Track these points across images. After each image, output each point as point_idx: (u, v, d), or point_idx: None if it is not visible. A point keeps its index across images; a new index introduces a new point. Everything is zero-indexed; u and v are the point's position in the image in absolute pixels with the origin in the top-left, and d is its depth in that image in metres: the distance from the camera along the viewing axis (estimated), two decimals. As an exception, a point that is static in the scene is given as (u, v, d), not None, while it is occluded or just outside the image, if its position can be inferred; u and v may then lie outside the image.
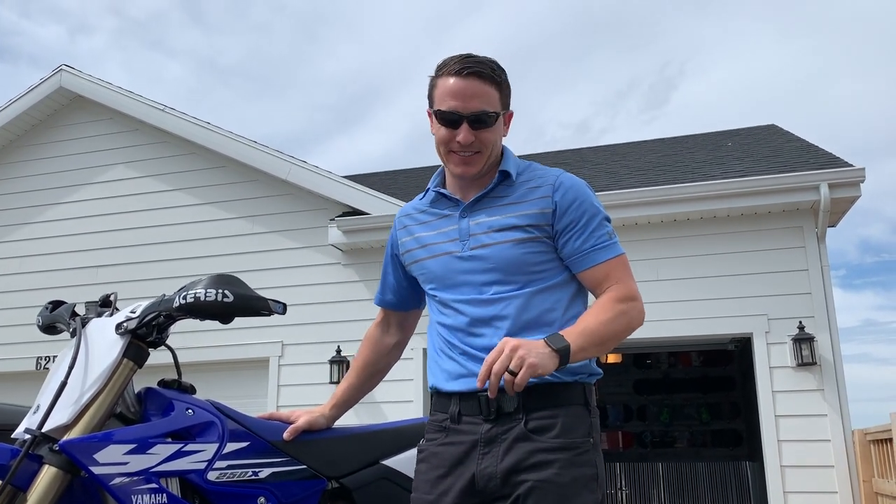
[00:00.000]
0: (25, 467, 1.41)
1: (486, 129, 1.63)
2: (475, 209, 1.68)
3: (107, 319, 1.59)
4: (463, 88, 1.61)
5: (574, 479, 1.50)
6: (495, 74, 1.64)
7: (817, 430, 5.97)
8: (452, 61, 1.65)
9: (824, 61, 33.69)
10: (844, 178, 6.12)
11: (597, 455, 1.57)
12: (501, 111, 1.67)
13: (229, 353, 7.39)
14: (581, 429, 1.55)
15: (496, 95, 1.64)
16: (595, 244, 1.62)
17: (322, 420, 1.79)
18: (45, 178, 8.48)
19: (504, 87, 1.68)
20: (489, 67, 1.64)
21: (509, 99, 1.71)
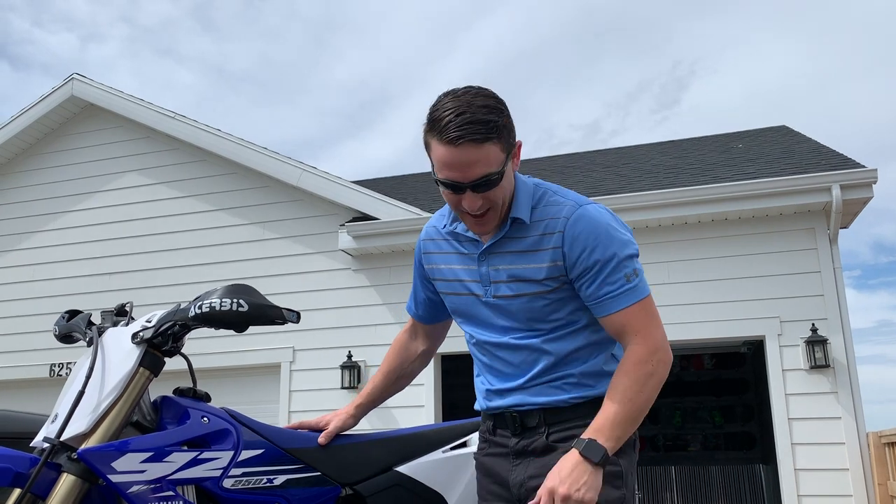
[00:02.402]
0: (44, 475, 1.42)
1: (494, 189, 1.54)
2: (492, 254, 1.65)
3: (123, 329, 1.60)
4: (459, 158, 1.49)
5: None
6: (492, 130, 1.49)
7: (831, 432, 5.93)
8: (443, 123, 1.50)
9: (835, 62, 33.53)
10: (856, 180, 6.08)
11: (622, 458, 1.56)
12: (507, 159, 1.54)
13: (241, 359, 7.42)
14: None
15: (497, 150, 1.51)
16: (609, 292, 1.54)
17: (351, 420, 1.84)
18: (58, 187, 8.55)
19: (505, 131, 1.53)
20: (484, 126, 1.48)
21: (513, 136, 1.57)
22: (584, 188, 7.56)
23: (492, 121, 1.50)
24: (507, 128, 1.54)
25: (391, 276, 7.23)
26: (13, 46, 32.98)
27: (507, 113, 1.56)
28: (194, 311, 1.46)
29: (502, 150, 1.52)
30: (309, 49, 40.39)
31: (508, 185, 1.58)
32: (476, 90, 1.55)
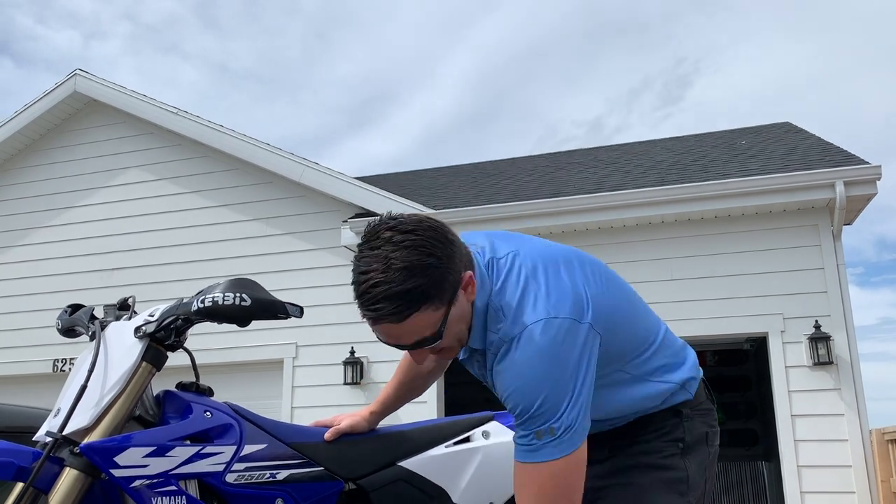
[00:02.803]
0: (47, 469, 1.42)
1: (436, 343, 1.40)
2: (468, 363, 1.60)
3: (125, 323, 1.60)
4: (383, 332, 1.37)
5: (656, 480, 1.50)
6: (415, 301, 1.31)
7: (834, 429, 5.92)
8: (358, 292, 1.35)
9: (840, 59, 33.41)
10: (860, 176, 6.07)
11: (689, 459, 1.53)
12: (447, 313, 1.36)
13: (244, 355, 7.42)
14: (668, 436, 1.54)
15: (428, 315, 1.34)
16: (520, 446, 1.38)
17: (364, 423, 1.81)
18: (61, 182, 8.56)
19: (435, 290, 1.32)
20: (402, 299, 1.30)
21: (454, 279, 1.36)
22: (587, 185, 7.55)
23: (413, 289, 1.30)
24: (440, 282, 1.33)
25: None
26: (17, 43, 33.03)
27: (440, 258, 1.33)
28: (197, 306, 1.46)
29: (437, 309, 1.34)
30: (311, 46, 40.37)
31: (459, 325, 1.41)
32: (401, 237, 1.33)
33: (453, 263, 1.36)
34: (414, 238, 1.32)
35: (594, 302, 1.42)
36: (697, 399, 1.60)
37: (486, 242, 1.53)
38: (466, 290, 1.40)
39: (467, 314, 1.42)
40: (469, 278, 1.39)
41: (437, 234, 1.35)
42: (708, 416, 1.61)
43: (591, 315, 1.40)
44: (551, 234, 6.89)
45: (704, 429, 1.58)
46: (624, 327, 1.49)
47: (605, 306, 1.45)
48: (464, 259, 1.40)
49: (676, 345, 1.63)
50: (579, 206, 6.64)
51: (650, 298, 6.40)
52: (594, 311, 1.41)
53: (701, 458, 1.56)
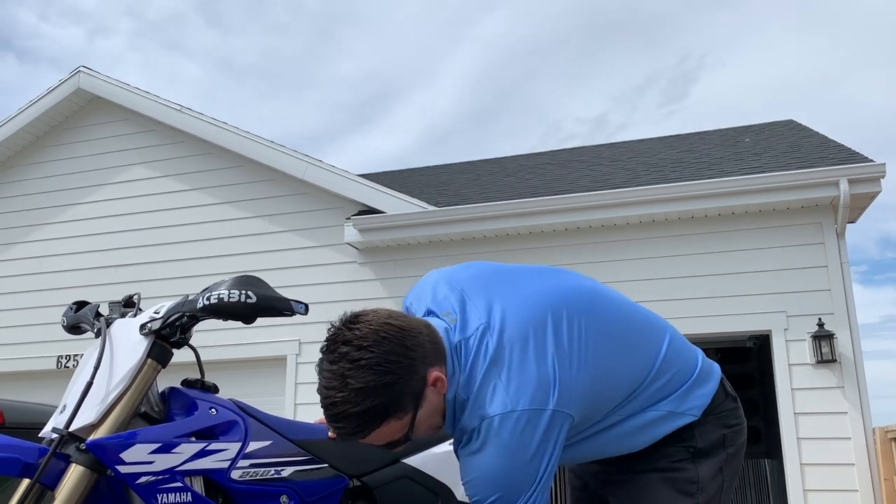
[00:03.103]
0: (53, 466, 1.43)
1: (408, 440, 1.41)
2: None
3: (131, 320, 1.60)
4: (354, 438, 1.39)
5: (665, 479, 1.51)
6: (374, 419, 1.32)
7: (837, 427, 5.91)
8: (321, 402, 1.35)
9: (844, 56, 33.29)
10: (864, 174, 6.05)
11: (701, 463, 1.52)
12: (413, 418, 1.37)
13: (247, 352, 7.43)
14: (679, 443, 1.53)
15: (390, 426, 1.35)
16: None
17: None
18: (64, 179, 8.57)
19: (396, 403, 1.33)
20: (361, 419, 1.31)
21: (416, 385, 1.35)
22: (590, 182, 7.54)
23: (371, 408, 1.30)
24: (400, 397, 1.33)
25: (397, 269, 7.23)
26: (20, 40, 33.04)
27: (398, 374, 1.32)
28: (203, 303, 1.46)
29: (400, 419, 1.35)
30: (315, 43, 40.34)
31: (431, 419, 1.42)
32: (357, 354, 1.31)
33: (414, 373, 1.34)
34: (369, 356, 1.31)
35: (564, 382, 1.38)
36: (715, 402, 1.57)
37: (458, 308, 1.47)
38: (436, 385, 1.38)
39: (439, 408, 1.42)
40: (436, 378, 1.38)
41: (394, 347, 1.33)
42: (727, 418, 1.58)
43: (557, 398, 1.36)
44: (555, 231, 6.89)
45: (721, 431, 1.55)
46: (606, 385, 1.46)
47: (580, 378, 1.41)
48: (429, 357, 1.38)
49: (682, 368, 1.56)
50: (582, 203, 6.63)
51: (653, 296, 6.40)
52: (562, 393, 1.37)
53: (717, 460, 1.54)
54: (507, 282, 1.51)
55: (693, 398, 1.54)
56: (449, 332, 1.44)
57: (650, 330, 1.56)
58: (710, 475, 1.51)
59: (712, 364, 1.63)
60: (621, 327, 1.51)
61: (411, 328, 1.37)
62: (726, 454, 1.55)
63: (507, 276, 1.53)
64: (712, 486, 1.52)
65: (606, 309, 1.51)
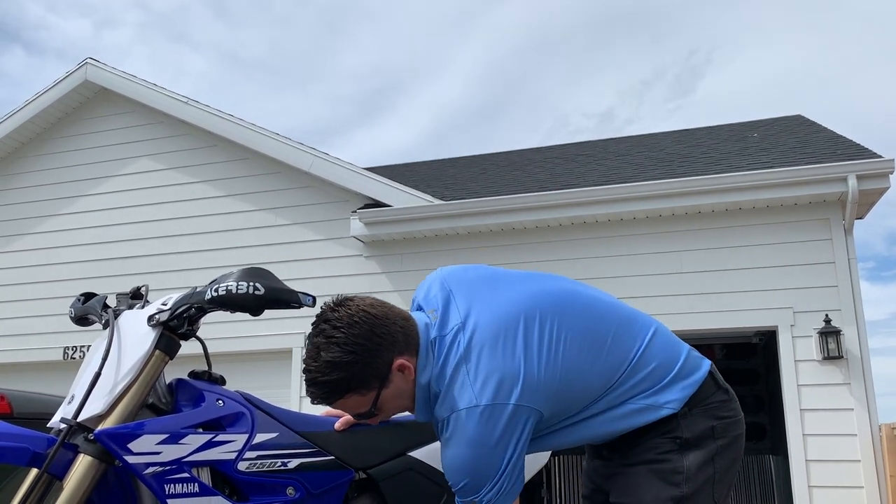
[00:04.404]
0: (61, 456, 1.43)
1: (378, 416, 1.60)
2: None
3: (138, 311, 1.61)
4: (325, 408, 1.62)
5: (650, 471, 1.57)
6: (337, 389, 1.51)
7: (843, 424, 5.90)
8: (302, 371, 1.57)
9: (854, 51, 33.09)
10: (873, 170, 6.02)
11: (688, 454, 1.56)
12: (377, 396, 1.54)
13: (252, 344, 7.46)
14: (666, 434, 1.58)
15: (355, 398, 1.54)
16: None
17: None
18: (71, 171, 8.59)
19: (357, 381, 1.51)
20: (327, 387, 1.51)
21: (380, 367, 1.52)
22: (597, 177, 7.52)
23: (336, 380, 1.50)
24: (361, 375, 1.51)
25: (403, 263, 7.24)
26: (28, 32, 33.10)
27: (364, 355, 1.50)
28: (211, 294, 1.46)
29: (363, 395, 1.54)
30: (322, 36, 40.29)
31: (398, 400, 1.58)
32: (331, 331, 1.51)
33: (376, 357, 1.51)
34: (339, 336, 1.50)
35: (529, 378, 1.50)
36: (700, 397, 1.61)
37: (442, 306, 1.63)
38: (403, 372, 1.55)
39: (407, 392, 1.57)
40: (401, 365, 1.54)
41: (363, 331, 1.51)
42: (717, 409, 1.61)
43: (519, 395, 1.48)
44: (561, 225, 6.88)
45: (710, 423, 1.59)
46: (578, 381, 1.55)
47: (548, 374, 1.52)
48: (398, 346, 1.54)
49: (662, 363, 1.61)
50: (588, 198, 6.62)
51: (659, 291, 6.39)
52: (525, 388, 1.49)
53: (706, 451, 1.57)
54: (491, 287, 1.64)
55: (672, 392, 1.59)
56: (429, 327, 1.60)
57: (628, 326, 1.63)
58: (696, 465, 1.55)
59: (700, 359, 1.67)
60: (594, 326, 1.60)
61: (385, 318, 1.54)
62: (717, 445, 1.58)
63: (493, 282, 1.66)
64: (700, 476, 1.55)
65: (581, 310, 1.62)
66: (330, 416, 1.81)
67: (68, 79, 8.54)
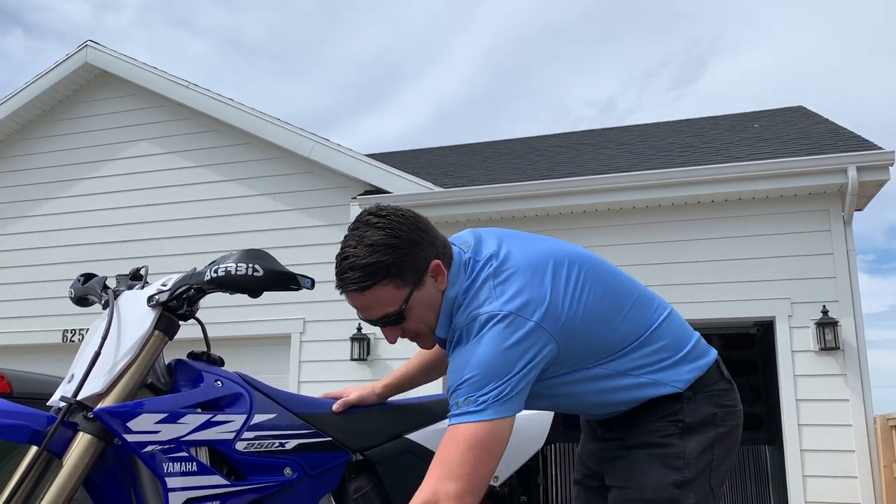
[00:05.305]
0: (61, 434, 1.45)
1: (405, 321, 1.55)
2: None
3: (138, 292, 1.61)
4: (351, 302, 1.54)
5: (651, 455, 1.56)
6: (375, 274, 1.48)
7: (839, 414, 5.93)
8: (335, 264, 1.54)
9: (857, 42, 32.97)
10: (873, 161, 6.02)
11: (689, 439, 1.56)
12: (410, 293, 1.52)
13: (252, 329, 7.48)
14: (668, 417, 1.58)
15: (390, 290, 1.50)
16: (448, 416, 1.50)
17: (373, 396, 1.84)
18: (71, 154, 8.58)
19: (396, 268, 1.49)
20: (364, 271, 1.48)
21: (419, 263, 1.51)
22: (598, 165, 7.52)
23: (374, 263, 1.48)
24: (402, 263, 1.49)
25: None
26: (28, 14, 32.92)
27: (406, 243, 1.50)
28: (210, 275, 1.47)
29: (398, 287, 1.50)
30: (323, 21, 40.10)
31: (427, 309, 1.55)
32: (376, 220, 1.51)
33: (418, 249, 1.51)
34: (385, 222, 1.50)
35: (553, 306, 1.49)
36: (705, 382, 1.62)
37: (474, 242, 1.63)
38: (437, 279, 1.54)
39: (435, 303, 1.56)
40: (437, 266, 1.53)
41: (407, 222, 1.52)
42: (720, 397, 1.62)
43: (541, 316, 1.47)
44: (560, 214, 6.88)
45: (712, 409, 1.60)
46: (598, 327, 1.55)
47: (571, 311, 1.52)
48: (437, 249, 1.54)
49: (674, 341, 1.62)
50: (588, 187, 6.62)
51: (658, 280, 6.40)
52: (549, 314, 1.48)
53: (706, 437, 1.57)
54: (522, 238, 1.66)
55: (679, 372, 1.60)
56: (462, 252, 1.61)
57: (647, 301, 1.66)
58: (697, 451, 1.56)
59: (709, 348, 1.69)
60: (618, 289, 1.62)
61: (428, 222, 1.57)
62: (717, 432, 1.59)
63: (524, 236, 1.68)
64: (699, 461, 1.55)
65: (607, 272, 1.63)
66: (328, 398, 1.83)
67: (68, 61, 8.51)
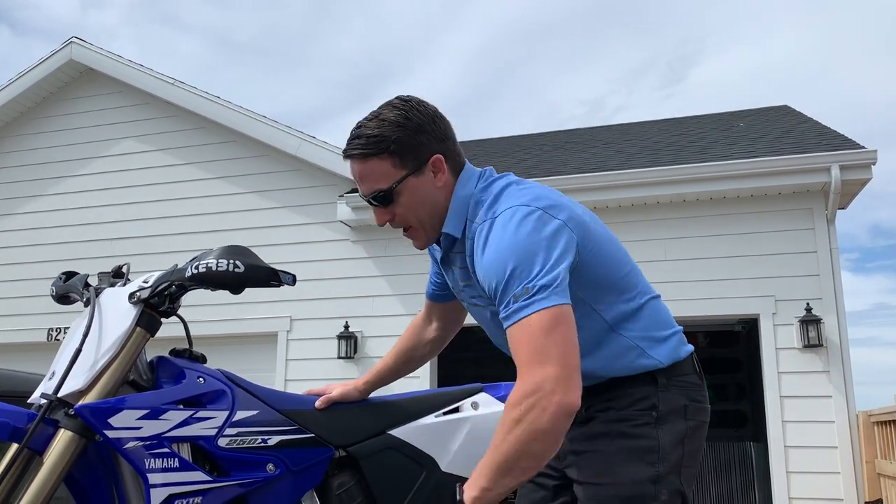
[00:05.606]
0: (41, 431, 1.45)
1: (394, 205, 1.55)
2: (447, 266, 1.68)
3: (120, 289, 1.61)
4: (353, 172, 1.57)
5: (624, 448, 1.51)
6: (376, 145, 1.51)
7: (822, 411, 5.99)
8: (350, 134, 1.57)
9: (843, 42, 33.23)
10: (855, 160, 6.08)
11: (662, 429, 1.51)
12: (404, 176, 1.52)
13: (238, 327, 7.46)
14: (642, 403, 1.54)
15: (385, 166, 1.52)
16: (504, 314, 1.41)
17: (355, 393, 1.85)
18: (56, 151, 8.52)
19: (398, 147, 1.51)
20: (368, 140, 1.51)
21: (421, 151, 1.53)
22: (584, 164, 7.54)
23: (379, 136, 1.51)
24: (405, 143, 1.51)
25: (389, 248, 7.24)
26: (14, 10, 32.64)
27: (415, 128, 1.52)
28: (191, 272, 1.47)
29: (394, 167, 1.52)
30: (312, 20, 39.96)
31: (420, 201, 1.55)
32: (398, 102, 1.56)
33: (424, 137, 1.53)
34: (404, 105, 1.55)
35: (576, 217, 1.49)
36: (679, 370, 1.59)
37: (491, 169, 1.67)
38: (436, 175, 1.55)
39: (432, 200, 1.56)
40: (438, 161, 1.55)
41: (425, 112, 1.55)
42: (690, 391, 1.59)
43: (567, 218, 1.46)
44: (547, 212, 6.89)
45: (682, 401, 1.56)
46: (604, 260, 1.53)
47: (587, 228, 1.51)
48: (445, 147, 1.56)
49: (660, 320, 1.61)
50: (575, 185, 6.64)
51: (643, 278, 6.43)
52: (573, 220, 1.47)
53: (676, 429, 1.53)
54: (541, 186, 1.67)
55: (662, 350, 1.57)
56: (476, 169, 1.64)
57: (641, 277, 1.66)
58: (670, 444, 1.51)
59: (686, 342, 1.67)
60: (621, 253, 1.61)
61: (449, 125, 1.60)
62: (686, 426, 1.55)
63: None
64: (672, 456, 1.51)
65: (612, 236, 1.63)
66: (311, 394, 1.83)
67: (53, 58, 8.45)
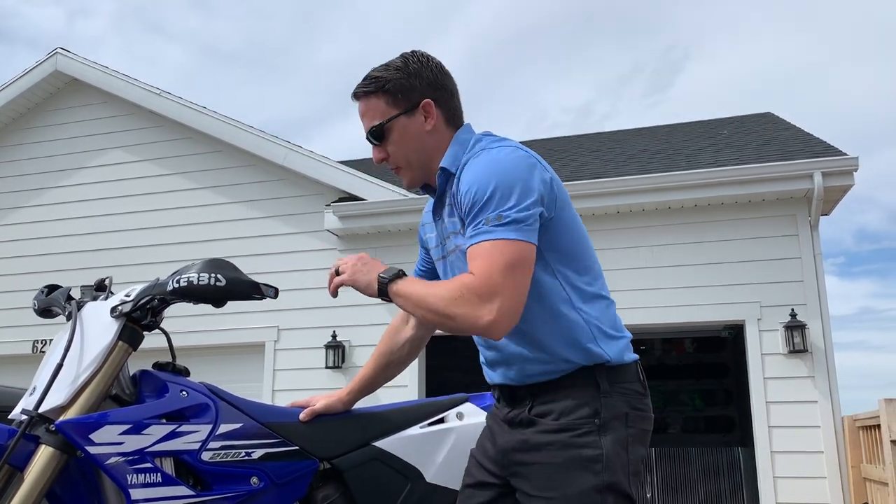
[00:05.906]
0: (22, 447, 1.44)
1: (387, 142, 1.66)
2: (439, 211, 1.72)
3: (102, 303, 1.61)
4: (358, 110, 1.70)
5: (569, 459, 1.49)
6: (375, 84, 1.64)
7: (807, 416, 6.03)
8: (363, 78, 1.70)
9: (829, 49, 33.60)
10: (838, 167, 6.14)
11: (605, 437, 1.50)
12: (396, 115, 1.63)
13: (225, 338, 7.42)
14: (584, 410, 1.52)
15: (380, 104, 1.65)
16: (472, 232, 1.48)
17: (339, 405, 1.83)
18: (41, 162, 8.47)
19: (393, 86, 1.63)
20: (370, 80, 1.66)
21: (413, 93, 1.64)
22: (569, 171, 7.58)
23: (380, 77, 1.65)
24: (399, 85, 1.63)
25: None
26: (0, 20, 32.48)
27: (411, 73, 1.64)
28: (172, 286, 1.47)
29: (387, 104, 1.64)
30: (298, 28, 40.02)
31: (409, 141, 1.65)
32: (409, 55, 1.68)
33: (417, 81, 1.64)
34: (409, 55, 1.68)
35: (560, 183, 1.60)
36: (623, 376, 1.58)
37: None
38: (426, 119, 1.65)
39: (423, 144, 1.65)
40: (428, 105, 1.64)
41: (428, 63, 1.67)
42: (632, 399, 1.57)
43: (552, 177, 1.57)
44: (533, 220, 6.91)
45: (624, 409, 1.55)
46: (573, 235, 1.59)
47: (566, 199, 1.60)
48: (439, 95, 1.66)
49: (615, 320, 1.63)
50: (561, 193, 6.66)
51: (630, 285, 6.46)
52: (556, 181, 1.58)
53: (618, 435, 1.52)
54: None
55: (615, 347, 1.58)
56: None
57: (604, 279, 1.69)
58: (613, 451, 1.50)
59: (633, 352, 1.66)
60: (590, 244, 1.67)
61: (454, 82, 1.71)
62: (627, 433, 1.53)
63: None
64: (617, 462, 1.50)
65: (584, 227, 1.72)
66: (295, 406, 1.83)
67: (37, 69, 8.41)
